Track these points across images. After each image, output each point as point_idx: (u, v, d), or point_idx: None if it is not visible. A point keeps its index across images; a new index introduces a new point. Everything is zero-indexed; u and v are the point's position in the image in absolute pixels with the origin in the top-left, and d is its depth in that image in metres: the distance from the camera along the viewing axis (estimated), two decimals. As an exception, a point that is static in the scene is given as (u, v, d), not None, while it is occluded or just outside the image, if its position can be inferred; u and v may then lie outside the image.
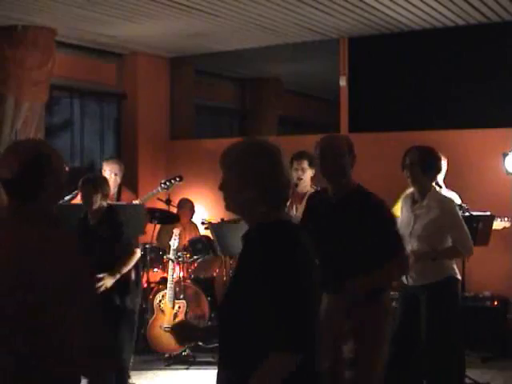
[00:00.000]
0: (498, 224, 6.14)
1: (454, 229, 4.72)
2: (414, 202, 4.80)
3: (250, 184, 2.40)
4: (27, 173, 2.38)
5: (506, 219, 6.25)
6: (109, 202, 6.30)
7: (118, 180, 7.16)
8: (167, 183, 7.22)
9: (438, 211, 4.67)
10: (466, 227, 4.76)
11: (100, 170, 7.36)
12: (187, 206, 8.05)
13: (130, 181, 7.61)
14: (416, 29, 7.60)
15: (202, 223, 7.78)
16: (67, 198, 6.72)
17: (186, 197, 8.14)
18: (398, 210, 6.22)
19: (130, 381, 6.20)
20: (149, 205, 7.32)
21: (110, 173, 7.10)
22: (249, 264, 2.36)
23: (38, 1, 6.40)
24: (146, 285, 7.19)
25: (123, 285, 5.39)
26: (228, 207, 2.49)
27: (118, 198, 7.14)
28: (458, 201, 5.46)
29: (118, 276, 5.25)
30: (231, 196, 2.46)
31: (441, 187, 5.56)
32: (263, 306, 2.24)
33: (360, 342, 3.84)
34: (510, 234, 6.49)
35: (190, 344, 5.74)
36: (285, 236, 2.35)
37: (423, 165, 4.67)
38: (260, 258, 2.29)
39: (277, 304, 2.23)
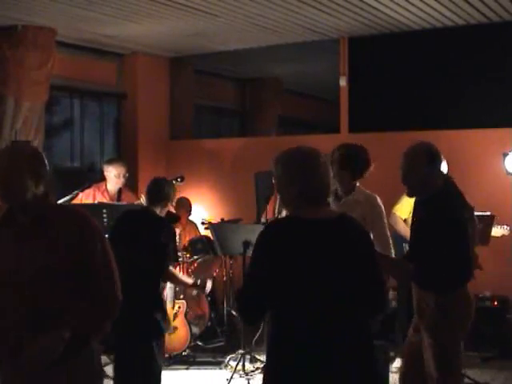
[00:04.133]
0: (496, 231, 6.10)
1: (376, 223, 4.69)
2: (337, 197, 4.76)
3: (286, 184, 2.86)
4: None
5: (506, 228, 6.21)
6: (110, 202, 6.32)
7: (124, 182, 7.16)
8: (169, 184, 7.20)
9: (365, 206, 4.66)
10: (386, 224, 4.80)
11: (101, 171, 7.36)
12: (185, 205, 8.03)
13: (130, 181, 7.61)
14: (416, 29, 7.60)
15: (202, 223, 7.79)
16: (67, 197, 6.72)
17: (183, 196, 8.12)
18: (400, 209, 6.24)
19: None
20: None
21: (116, 175, 7.09)
22: None
23: (38, 1, 6.40)
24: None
25: None
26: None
27: (119, 199, 7.13)
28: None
29: None
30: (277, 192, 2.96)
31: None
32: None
33: (439, 331, 3.90)
34: (509, 237, 6.48)
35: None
36: (269, 230, 2.85)
37: (342, 161, 4.68)
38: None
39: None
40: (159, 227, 4.88)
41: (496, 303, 6.87)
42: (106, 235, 7.29)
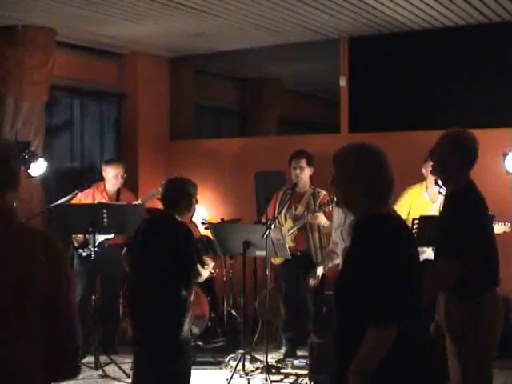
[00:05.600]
0: (497, 228, 6.09)
1: None
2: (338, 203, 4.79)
3: (356, 181, 2.74)
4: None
5: (506, 224, 6.21)
6: (110, 202, 6.25)
7: (122, 182, 7.16)
8: (168, 184, 7.21)
9: None
10: None
11: (101, 171, 7.35)
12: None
13: (129, 181, 7.61)
14: (416, 29, 7.60)
15: (202, 223, 7.79)
16: (67, 198, 6.72)
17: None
18: (399, 209, 6.24)
19: (130, 380, 6.20)
20: (149, 205, 7.32)
21: (114, 176, 7.08)
22: (354, 250, 2.72)
23: (38, 1, 6.41)
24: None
25: None
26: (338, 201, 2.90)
27: (118, 199, 7.14)
28: None
29: None
30: (340, 191, 2.83)
31: (440, 186, 5.52)
32: (364, 286, 2.59)
33: (463, 341, 3.75)
34: (509, 235, 6.48)
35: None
36: (381, 227, 2.69)
37: None
38: (361, 246, 2.67)
39: (374, 283, 2.58)
40: (172, 234, 4.84)
41: (496, 303, 6.85)
42: (107, 236, 7.26)
